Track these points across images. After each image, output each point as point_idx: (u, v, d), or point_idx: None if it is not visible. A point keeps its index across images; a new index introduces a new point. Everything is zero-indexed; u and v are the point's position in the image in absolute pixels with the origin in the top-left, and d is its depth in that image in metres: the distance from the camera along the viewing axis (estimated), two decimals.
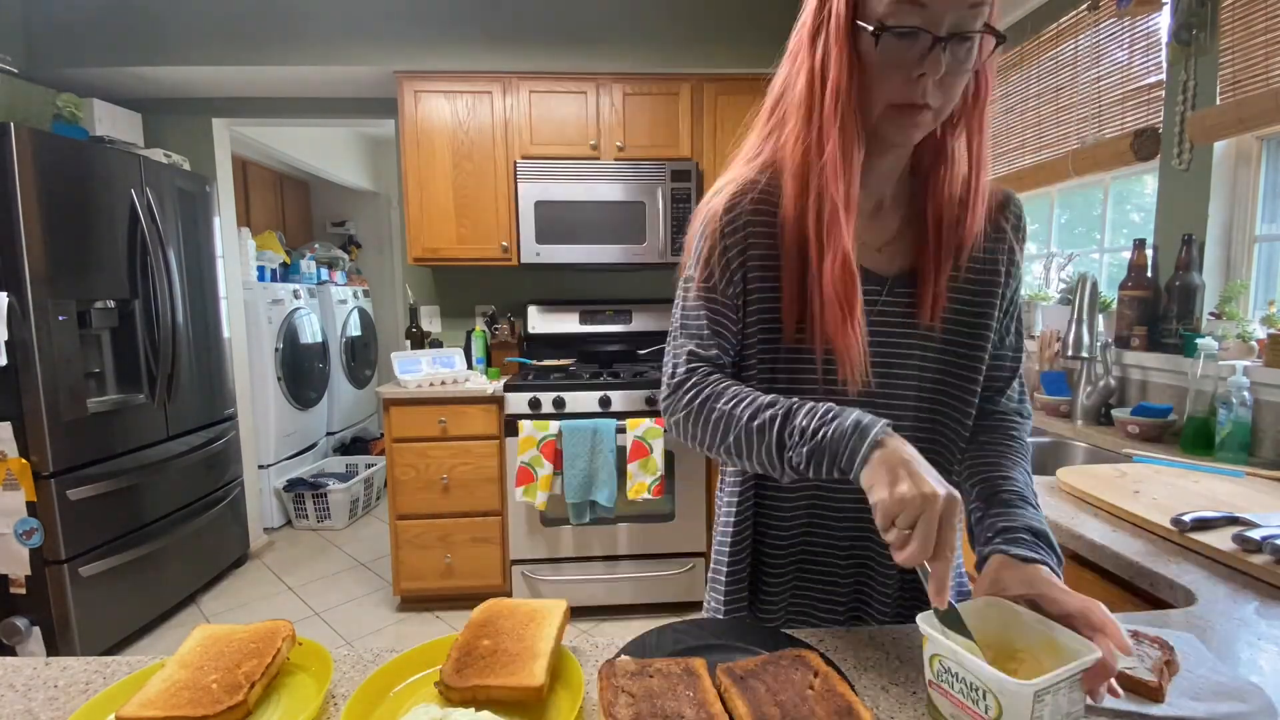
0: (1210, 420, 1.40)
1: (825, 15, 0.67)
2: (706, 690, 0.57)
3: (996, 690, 0.50)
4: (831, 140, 0.67)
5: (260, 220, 4.25)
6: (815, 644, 0.69)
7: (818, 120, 0.68)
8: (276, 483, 3.64)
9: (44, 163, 2.09)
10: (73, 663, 0.69)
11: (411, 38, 2.71)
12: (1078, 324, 1.70)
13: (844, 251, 0.69)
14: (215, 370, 2.95)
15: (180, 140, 3.10)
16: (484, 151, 2.78)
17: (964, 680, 0.52)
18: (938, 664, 0.55)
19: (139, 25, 2.67)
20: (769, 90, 0.79)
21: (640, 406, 2.57)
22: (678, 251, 2.78)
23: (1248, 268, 1.58)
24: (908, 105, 0.66)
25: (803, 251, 0.72)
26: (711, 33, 2.78)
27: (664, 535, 2.63)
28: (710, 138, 2.84)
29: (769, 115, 0.79)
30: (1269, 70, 1.43)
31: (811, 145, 0.69)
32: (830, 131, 0.67)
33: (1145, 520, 1.00)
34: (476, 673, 0.61)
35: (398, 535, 2.61)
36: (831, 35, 0.66)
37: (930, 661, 0.56)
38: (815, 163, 0.69)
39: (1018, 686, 0.48)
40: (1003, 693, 0.49)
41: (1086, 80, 2.00)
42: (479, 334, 2.94)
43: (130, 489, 2.42)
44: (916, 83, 0.65)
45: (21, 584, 2.13)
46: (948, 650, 0.54)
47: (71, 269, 2.20)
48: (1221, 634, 0.72)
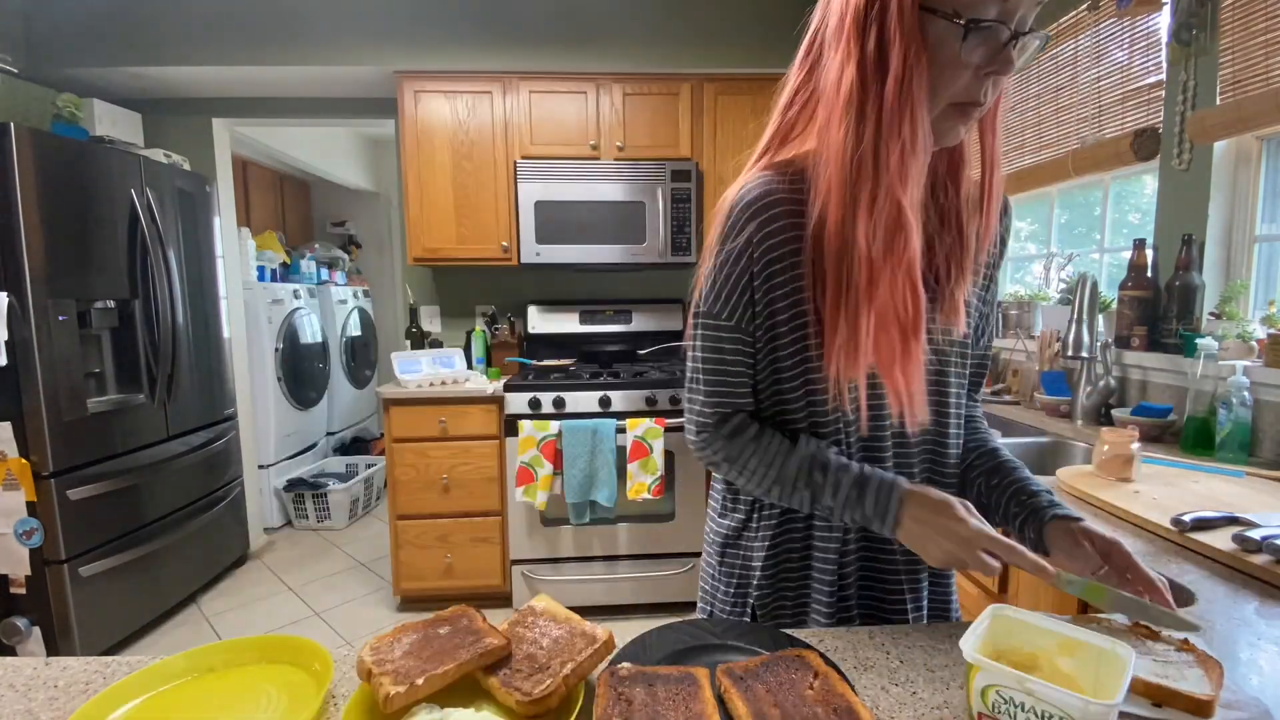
0: (1210, 420, 1.40)
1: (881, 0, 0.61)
2: (706, 701, 0.57)
3: (1079, 714, 0.46)
4: (900, 138, 0.61)
5: (260, 220, 4.25)
6: (815, 644, 0.69)
7: (874, 115, 0.61)
8: (276, 483, 3.64)
9: (44, 163, 2.09)
10: (73, 663, 0.69)
11: (411, 38, 2.71)
12: (1078, 324, 1.70)
13: (910, 263, 0.62)
14: (215, 370, 2.95)
15: (180, 140, 3.10)
16: (484, 151, 2.78)
17: (1031, 709, 0.49)
18: (993, 695, 0.51)
19: (139, 25, 2.67)
20: (782, 86, 0.74)
21: (640, 406, 2.57)
22: (678, 251, 2.78)
23: (1248, 268, 1.58)
24: (970, 104, 0.63)
25: (844, 266, 0.65)
26: (711, 33, 2.78)
27: (664, 535, 2.63)
28: (710, 138, 2.84)
29: (785, 111, 0.73)
30: (1269, 70, 1.43)
31: (867, 143, 0.62)
32: (896, 128, 0.60)
33: (1145, 520, 1.00)
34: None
35: (398, 535, 2.61)
36: (894, 21, 0.59)
37: (983, 694, 0.51)
38: (870, 163, 0.62)
39: (1103, 709, 0.45)
40: (1086, 715, 0.46)
41: (1086, 80, 2.00)
42: (479, 334, 2.94)
43: (130, 489, 2.42)
44: (982, 80, 0.61)
45: (21, 584, 2.13)
46: (1012, 679, 0.49)
47: (71, 269, 2.20)
48: (1221, 634, 0.72)
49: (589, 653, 0.62)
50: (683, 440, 2.55)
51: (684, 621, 0.72)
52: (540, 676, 0.59)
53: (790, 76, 0.73)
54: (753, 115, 2.84)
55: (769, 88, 3.16)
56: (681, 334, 3.13)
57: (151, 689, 0.64)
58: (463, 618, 0.68)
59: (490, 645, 0.62)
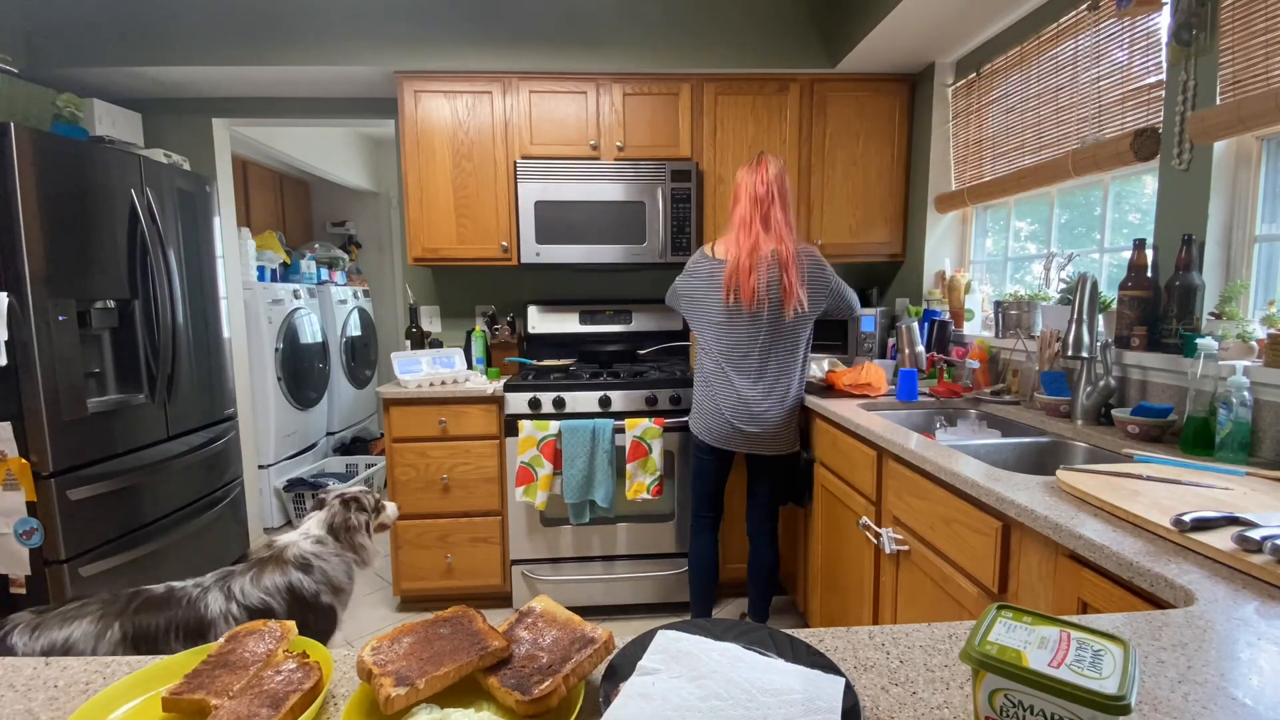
0: (1210, 420, 1.40)
1: None
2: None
3: (1089, 717, 0.46)
4: None
5: (260, 220, 4.25)
6: (815, 643, 0.69)
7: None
8: (276, 483, 3.64)
9: (44, 163, 2.09)
10: (73, 663, 0.69)
11: (411, 38, 2.72)
12: (1077, 324, 1.70)
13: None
14: (215, 370, 2.95)
15: (180, 140, 3.10)
16: (484, 151, 2.78)
17: (1041, 712, 0.48)
18: (1001, 699, 0.50)
19: (139, 25, 2.67)
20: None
21: (640, 406, 2.57)
22: (678, 252, 2.79)
23: (1248, 268, 1.58)
24: None
25: None
26: (711, 33, 2.78)
27: (664, 535, 2.63)
28: (710, 138, 2.84)
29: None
30: (1269, 70, 1.43)
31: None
32: None
33: (1145, 520, 1.00)
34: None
35: (398, 535, 2.61)
36: None
37: (991, 699, 0.51)
38: None
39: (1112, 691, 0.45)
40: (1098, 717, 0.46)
41: (1086, 80, 2.00)
42: (479, 334, 2.94)
43: (130, 489, 2.42)
44: None
45: (21, 584, 2.13)
46: (1024, 683, 0.49)
47: (71, 269, 2.20)
48: (1221, 634, 0.72)
49: (588, 653, 0.62)
50: (682, 440, 2.56)
51: (684, 622, 0.72)
52: (540, 677, 0.59)
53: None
54: (752, 115, 2.85)
55: (769, 88, 3.16)
56: (681, 334, 3.13)
57: (151, 689, 0.64)
58: (463, 618, 0.68)
59: (490, 647, 0.62)
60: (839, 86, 2.86)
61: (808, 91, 2.86)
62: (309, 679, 0.61)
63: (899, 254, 3.00)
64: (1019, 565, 1.19)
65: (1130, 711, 0.46)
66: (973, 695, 0.53)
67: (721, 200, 2.87)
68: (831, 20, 2.78)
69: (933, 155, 2.81)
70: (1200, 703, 0.60)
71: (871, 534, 1.76)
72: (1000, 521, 1.22)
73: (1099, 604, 0.98)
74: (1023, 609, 0.58)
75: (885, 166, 2.93)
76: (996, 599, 1.25)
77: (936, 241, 2.86)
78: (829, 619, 2.20)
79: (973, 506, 1.31)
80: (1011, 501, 1.15)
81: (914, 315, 2.76)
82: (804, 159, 2.89)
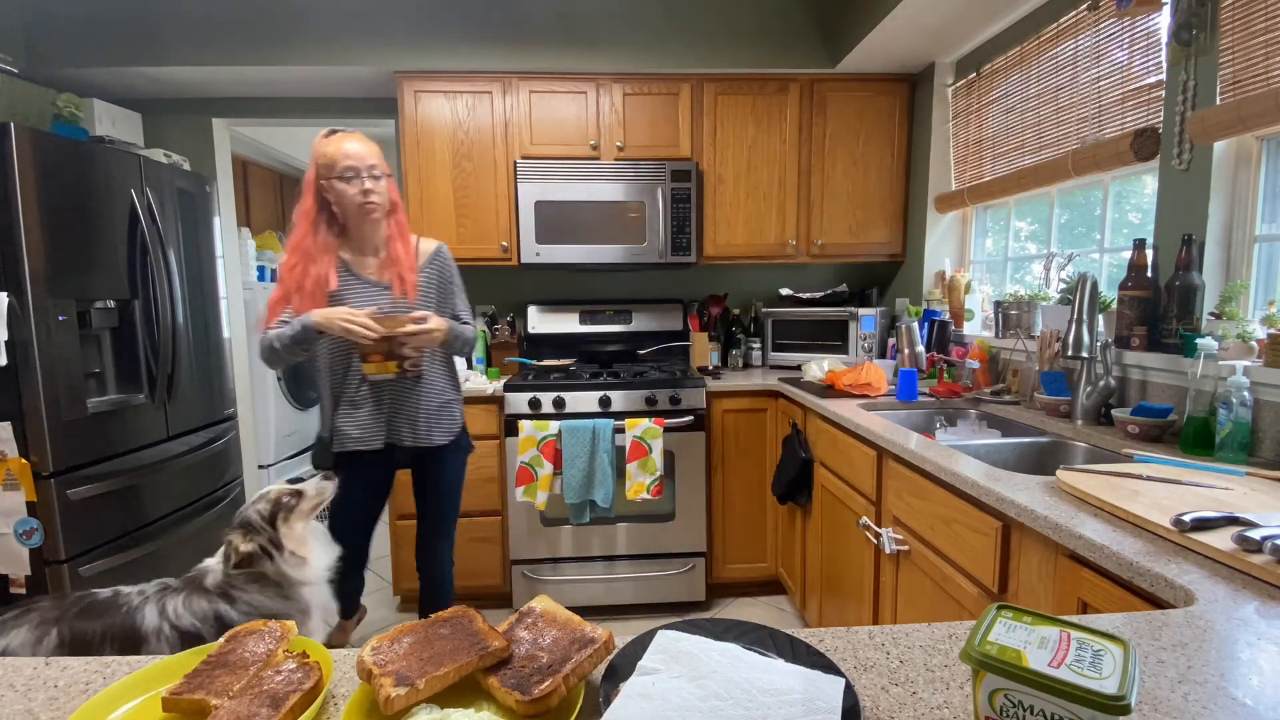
0: (1210, 420, 1.40)
1: None
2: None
3: (1089, 717, 0.46)
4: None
5: (260, 220, 4.25)
6: (815, 643, 0.69)
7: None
8: (276, 483, 3.64)
9: (44, 163, 2.09)
10: (73, 663, 0.69)
11: (411, 38, 2.72)
12: (1077, 324, 1.70)
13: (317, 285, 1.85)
14: (215, 370, 2.95)
15: (180, 140, 3.10)
16: (484, 151, 2.78)
17: (1041, 711, 0.48)
18: (1001, 699, 0.50)
19: (139, 25, 2.67)
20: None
21: (640, 406, 2.57)
22: (678, 251, 2.79)
23: (1248, 268, 1.58)
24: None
25: None
26: (711, 33, 2.78)
27: (664, 535, 2.63)
28: (710, 138, 2.84)
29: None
30: (1269, 70, 1.43)
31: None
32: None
33: (1145, 520, 1.00)
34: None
35: (398, 535, 2.61)
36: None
37: (990, 699, 0.51)
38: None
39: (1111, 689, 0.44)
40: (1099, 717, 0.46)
41: (1086, 80, 2.00)
42: (479, 334, 2.94)
43: (130, 489, 2.42)
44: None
45: (21, 584, 2.13)
46: (1024, 683, 0.49)
47: (71, 269, 2.20)
48: (1221, 634, 0.72)
49: (588, 653, 0.62)
50: (682, 440, 2.56)
51: (684, 622, 0.72)
52: (540, 677, 0.59)
53: None
54: (752, 115, 2.85)
55: (769, 88, 3.15)
56: (681, 334, 3.13)
57: (151, 689, 0.64)
58: (463, 618, 0.68)
59: (490, 647, 0.62)
60: (839, 86, 2.86)
61: (808, 91, 2.86)
62: (309, 679, 0.61)
63: (899, 254, 3.00)
64: (1019, 565, 1.19)
65: (1130, 711, 0.46)
66: (973, 695, 0.53)
67: (721, 200, 2.87)
68: (831, 20, 2.78)
69: (933, 155, 2.81)
70: (1200, 703, 0.60)
71: (871, 534, 1.76)
72: (1000, 521, 1.22)
73: (1099, 604, 0.98)
74: (1023, 609, 0.58)
75: (885, 166, 2.93)
76: (996, 599, 1.25)
77: (936, 241, 2.86)
78: (829, 619, 2.20)
79: (973, 506, 1.31)
80: (1011, 501, 1.16)
81: (914, 315, 2.76)
82: (804, 159, 2.89)
